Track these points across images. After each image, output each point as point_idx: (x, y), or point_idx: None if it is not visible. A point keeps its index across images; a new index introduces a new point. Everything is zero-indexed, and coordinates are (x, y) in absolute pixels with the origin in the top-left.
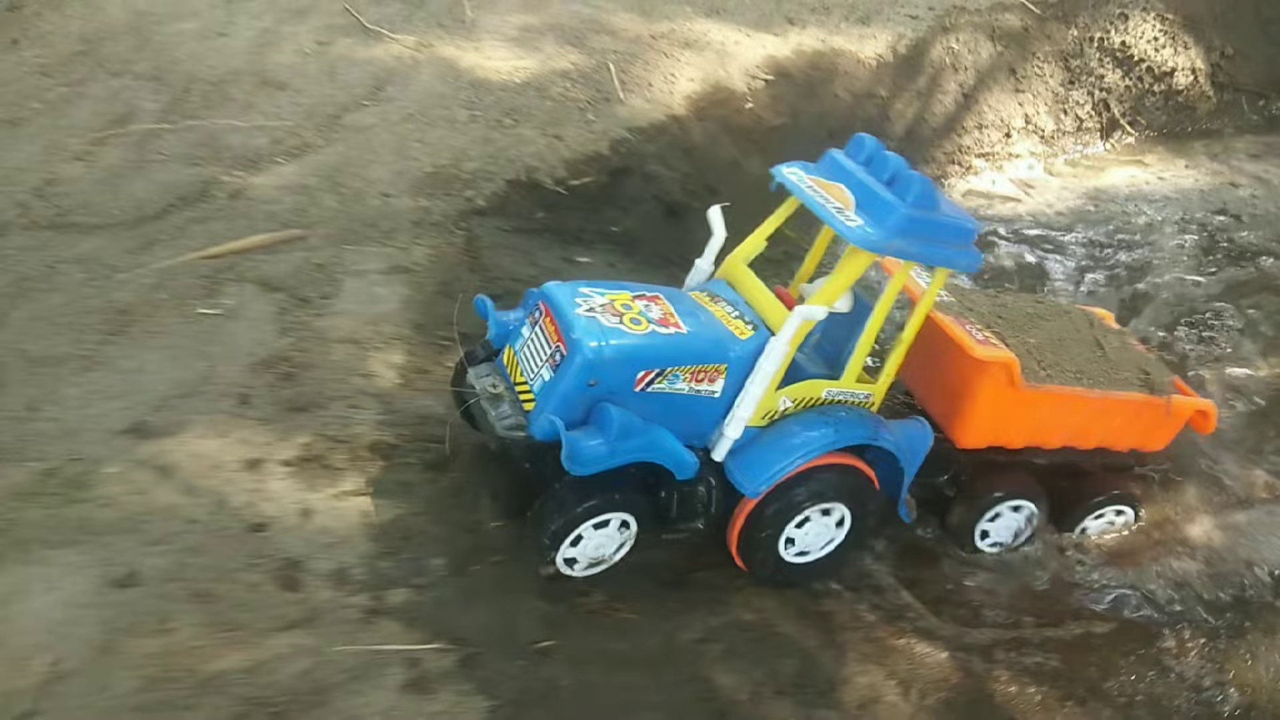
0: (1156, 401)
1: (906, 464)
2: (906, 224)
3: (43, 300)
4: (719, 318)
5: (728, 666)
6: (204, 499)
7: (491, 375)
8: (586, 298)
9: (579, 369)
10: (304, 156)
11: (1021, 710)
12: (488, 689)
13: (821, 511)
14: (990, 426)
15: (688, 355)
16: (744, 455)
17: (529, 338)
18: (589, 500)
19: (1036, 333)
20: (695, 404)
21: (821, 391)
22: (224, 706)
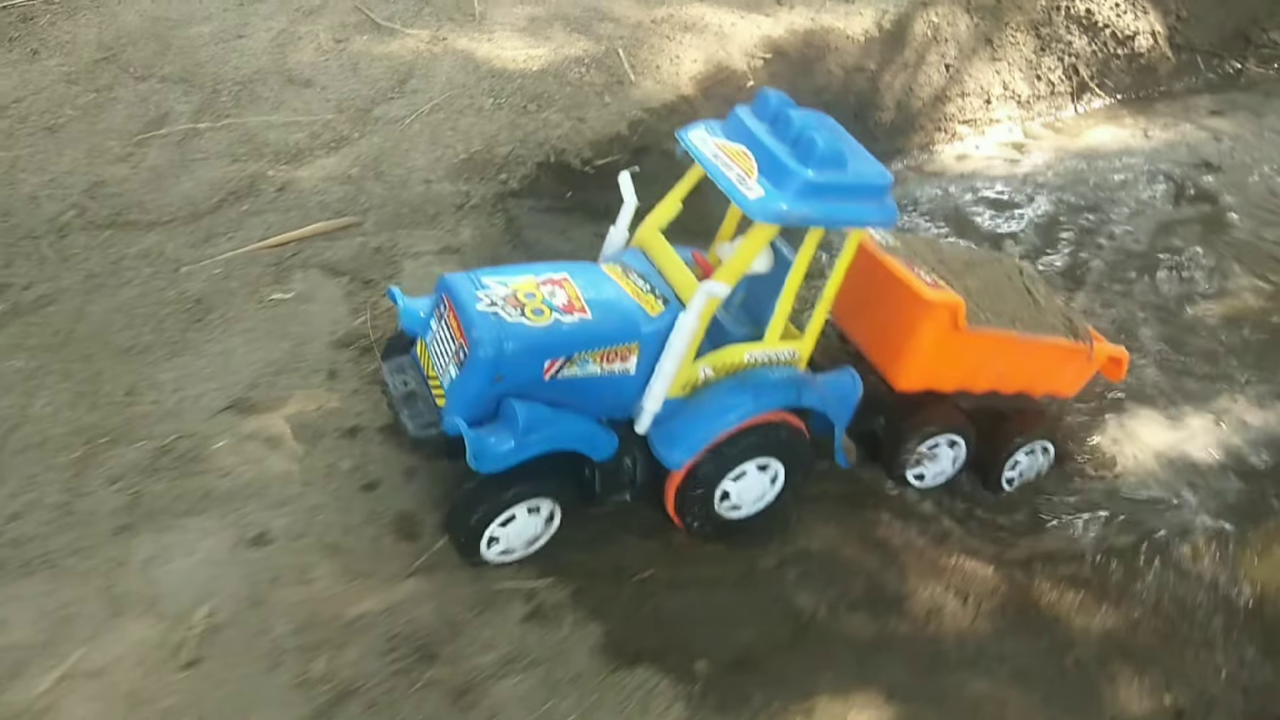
0: (1080, 346)
1: (836, 417)
2: (809, 190)
3: (117, 295)
4: (630, 293)
5: (804, 586)
6: (315, 464)
7: (406, 370)
8: (487, 290)
9: (482, 367)
10: (343, 148)
11: (1064, 612)
12: (600, 615)
13: (758, 467)
14: (930, 368)
15: (594, 340)
16: (665, 427)
17: (436, 331)
18: (512, 487)
19: (972, 279)
20: (611, 383)
21: (743, 356)
22: (373, 642)
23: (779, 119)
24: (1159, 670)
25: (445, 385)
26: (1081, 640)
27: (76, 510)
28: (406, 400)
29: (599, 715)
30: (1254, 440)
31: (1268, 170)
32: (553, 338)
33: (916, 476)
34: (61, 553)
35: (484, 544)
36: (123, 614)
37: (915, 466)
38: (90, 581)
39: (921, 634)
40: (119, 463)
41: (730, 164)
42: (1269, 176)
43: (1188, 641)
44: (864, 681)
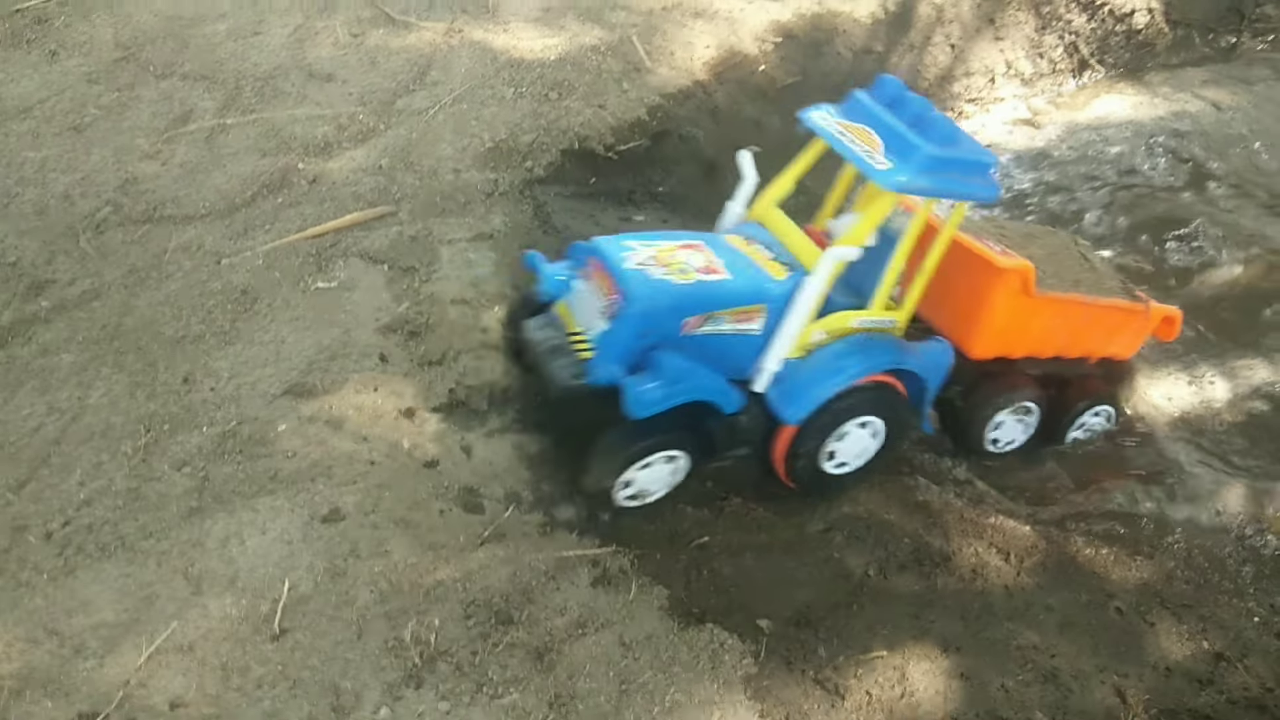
0: (1138, 307)
1: (930, 382)
2: (931, 164)
3: (162, 287)
4: (756, 260)
5: (853, 549)
6: (377, 444)
7: (549, 327)
8: (633, 251)
9: (634, 319)
10: (370, 140)
11: (1101, 565)
12: (663, 579)
13: (859, 425)
14: (1003, 335)
15: (731, 299)
16: (783, 386)
17: (581, 291)
18: (647, 438)
19: (1033, 249)
20: (737, 342)
21: (851, 322)
22: (453, 610)
23: (896, 101)
24: (1195, 617)
25: (593, 339)
26: (1120, 592)
27: (146, 495)
28: (553, 353)
29: (674, 670)
30: (1274, 399)
31: (1258, 146)
32: (696, 295)
33: (992, 442)
34: (136, 536)
35: (618, 487)
36: (204, 592)
37: (993, 431)
38: (168, 562)
39: (969, 589)
40: (184, 448)
41: (856, 141)
42: (1256, 152)
43: (1220, 590)
44: (919, 635)
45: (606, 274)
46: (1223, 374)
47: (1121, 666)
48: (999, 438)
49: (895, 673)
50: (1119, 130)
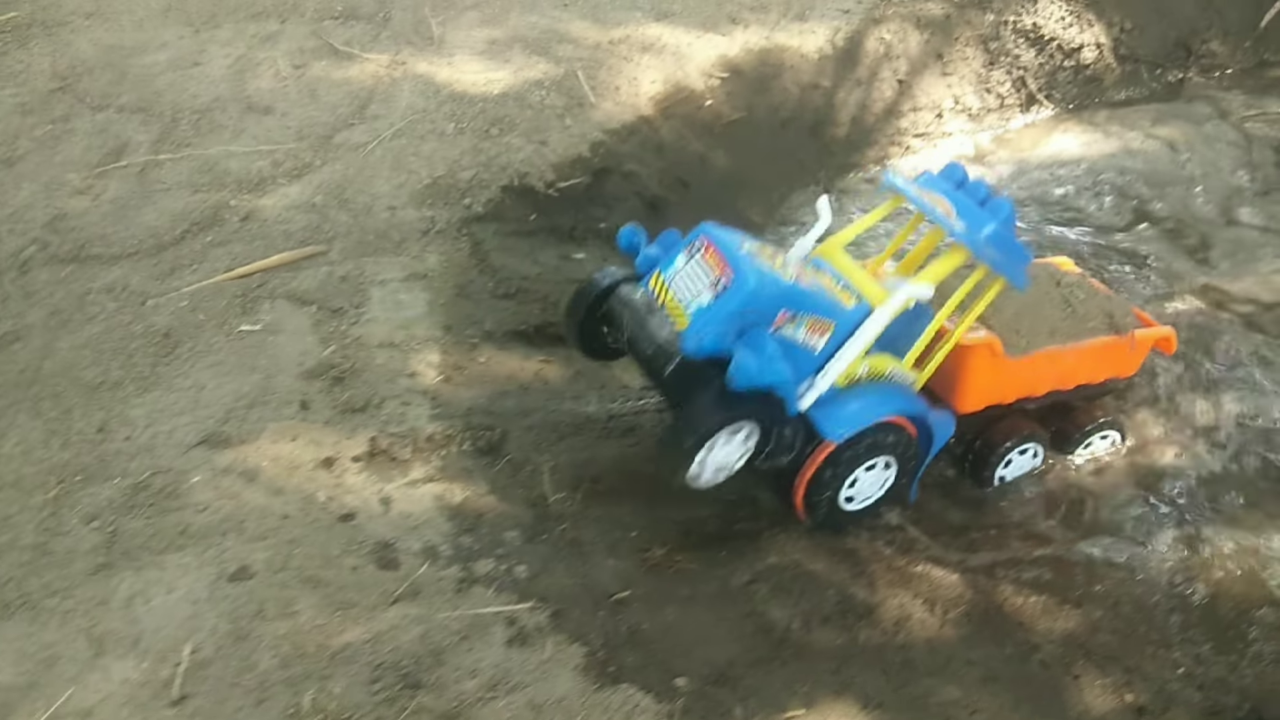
0: (1122, 340)
1: (936, 441)
2: (996, 237)
3: (83, 330)
4: (826, 286)
5: (778, 602)
6: (291, 497)
7: (645, 293)
8: (744, 241)
9: (744, 297)
10: (306, 176)
11: (1028, 615)
12: (581, 637)
13: (885, 464)
14: (985, 393)
15: (817, 306)
16: (828, 407)
17: (685, 266)
18: (726, 410)
19: (1009, 306)
20: (799, 355)
21: (889, 367)
22: (359, 673)
23: (965, 184)
24: (1120, 669)
25: (692, 310)
26: (1045, 643)
27: (54, 550)
28: (651, 314)
29: None
30: (1210, 443)
31: (1198, 189)
32: (794, 292)
33: (1000, 478)
34: (41, 593)
35: (696, 465)
36: (106, 653)
37: (1002, 469)
38: (71, 621)
39: (892, 643)
40: (95, 501)
41: (934, 205)
42: (1195, 194)
43: (1146, 640)
44: (839, 691)
45: (719, 254)
46: (1161, 416)
47: None
48: (1005, 475)
49: None
50: (1065, 168)
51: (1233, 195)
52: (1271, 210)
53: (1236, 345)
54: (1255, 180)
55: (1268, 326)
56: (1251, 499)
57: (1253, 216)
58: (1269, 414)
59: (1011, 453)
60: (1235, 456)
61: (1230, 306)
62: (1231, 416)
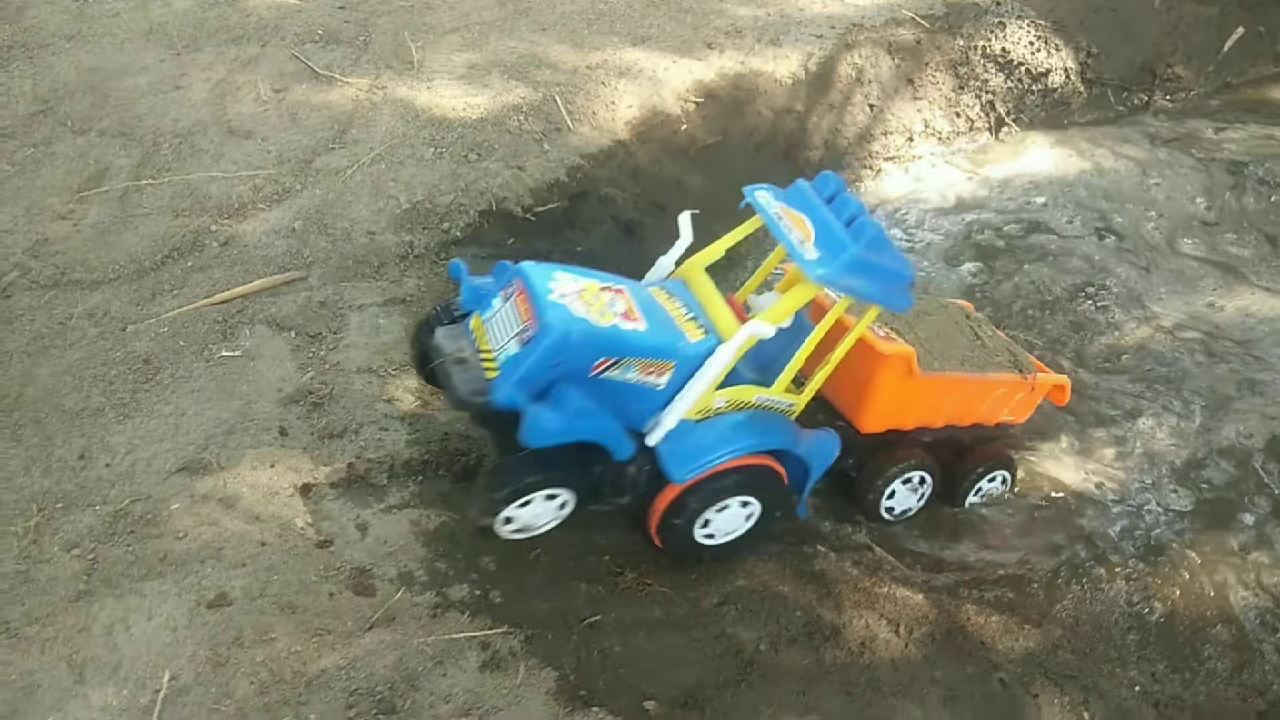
0: (1024, 380)
1: (815, 470)
2: (857, 265)
3: (64, 356)
4: (674, 317)
5: (746, 623)
6: (269, 523)
7: (459, 339)
8: (560, 283)
9: (547, 349)
10: (286, 201)
11: (990, 635)
12: (553, 660)
13: (740, 503)
14: (891, 411)
15: (644, 350)
16: (676, 444)
17: (500, 310)
18: (540, 474)
19: (923, 327)
20: (639, 393)
21: (753, 396)
22: (334, 700)
23: (836, 199)
24: (1077, 687)
25: (501, 361)
26: (1005, 662)
27: (34, 578)
28: (459, 365)
29: None
30: (1165, 468)
31: (1158, 210)
32: (611, 338)
33: (887, 510)
34: (21, 621)
35: (500, 521)
36: (86, 681)
37: (887, 500)
38: (51, 650)
39: (857, 663)
40: (75, 528)
41: (791, 227)
42: (1154, 215)
43: (1104, 659)
44: (804, 713)
45: (529, 300)
46: (1119, 441)
47: None
48: (894, 506)
49: None
50: (1032, 189)
51: (1183, 223)
52: (1214, 241)
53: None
54: (1211, 208)
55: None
56: (1205, 521)
57: (1195, 248)
58: (1219, 435)
59: (897, 480)
60: (1190, 480)
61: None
62: (1179, 441)
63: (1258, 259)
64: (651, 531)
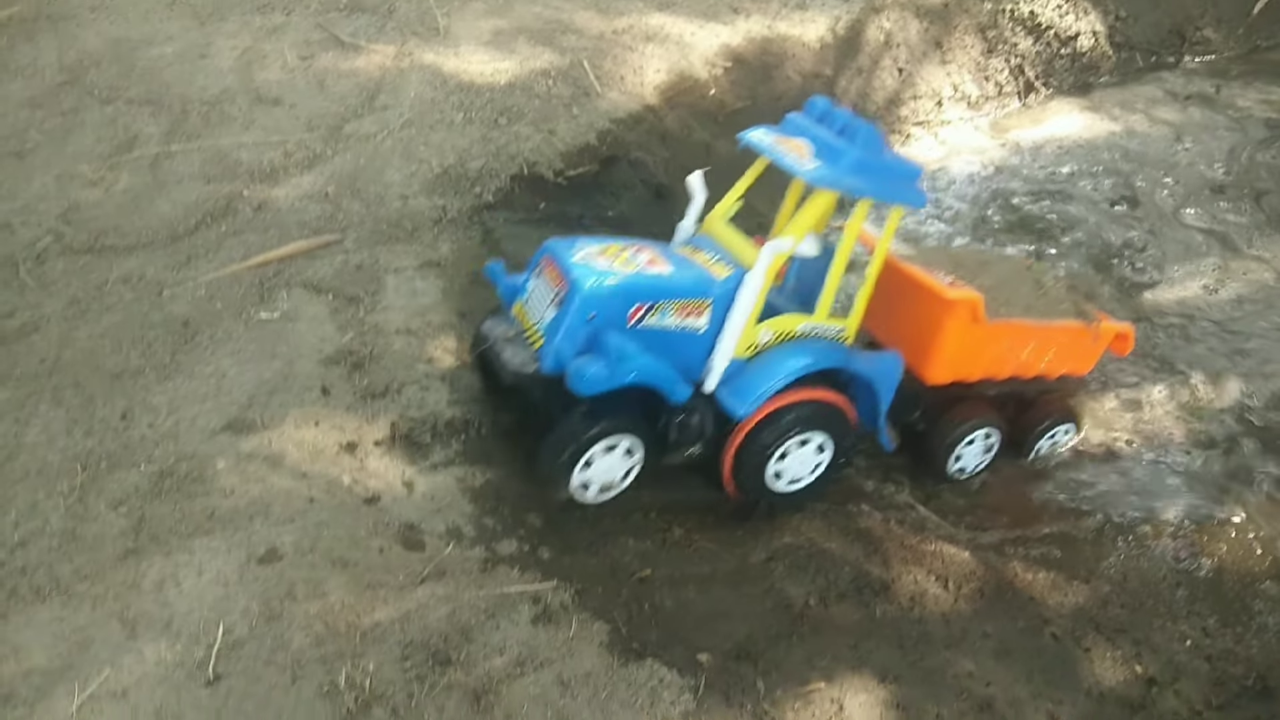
0: (1088, 328)
1: (881, 390)
2: (856, 164)
3: (102, 319)
4: (700, 261)
5: (795, 579)
6: (316, 480)
7: (503, 323)
8: (583, 248)
9: (580, 304)
10: (317, 166)
11: (1039, 590)
12: (605, 614)
13: (800, 442)
14: (956, 361)
15: (674, 290)
16: (733, 383)
17: (534, 288)
18: (596, 425)
19: (986, 277)
20: (684, 340)
21: (798, 325)
22: (389, 651)
23: (825, 116)
24: (1129, 642)
25: (542, 327)
26: (1056, 617)
27: (82, 535)
28: (506, 344)
29: (612, 708)
30: (1210, 423)
31: (1189, 169)
32: (639, 283)
33: (958, 471)
34: (71, 578)
35: (574, 481)
36: (139, 636)
37: (955, 462)
38: (103, 605)
39: (907, 617)
40: (120, 487)
41: (789, 151)
42: (1188, 175)
43: (1154, 614)
44: (857, 665)
45: (556, 267)
46: (1166, 396)
47: (1055, 693)
48: (964, 466)
49: (833, 705)
50: (1063, 152)
51: (1206, 188)
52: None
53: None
54: (1231, 173)
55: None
56: (1246, 477)
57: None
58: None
59: (972, 435)
60: (1233, 435)
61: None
62: (1229, 395)
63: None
64: (727, 482)
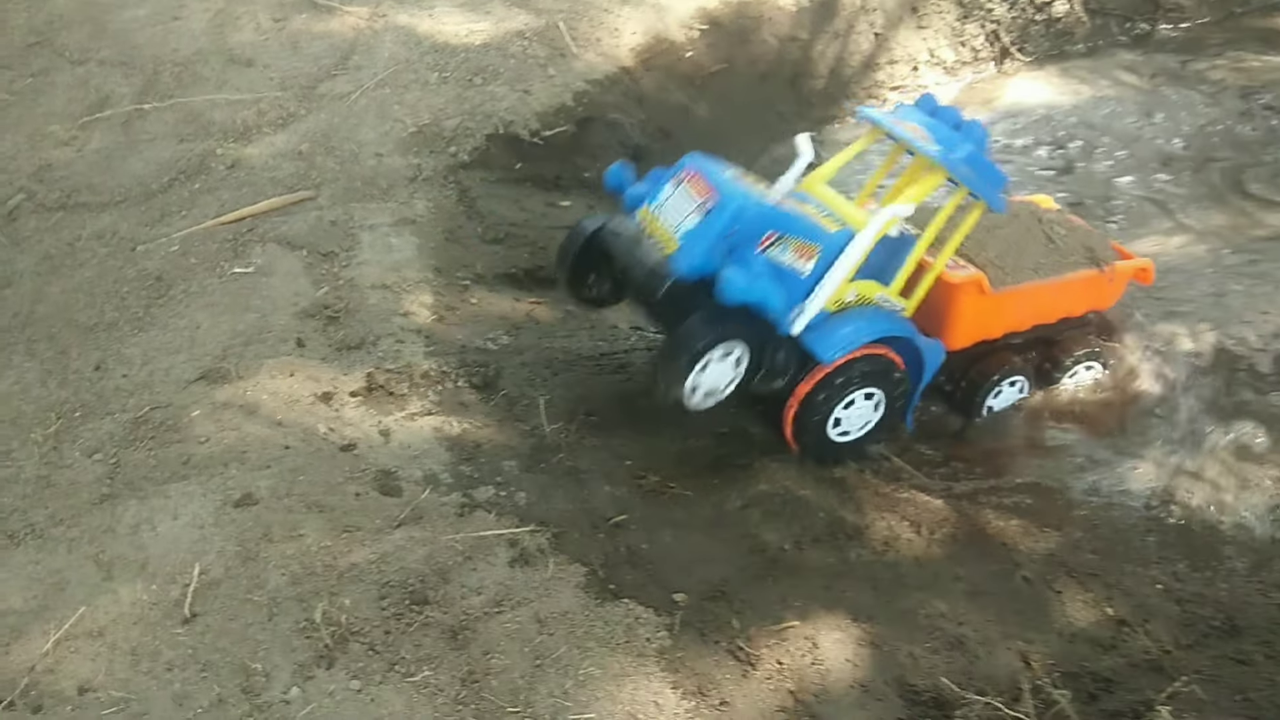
0: (1103, 274)
1: (928, 369)
2: (973, 158)
3: (75, 275)
4: (810, 214)
5: (770, 525)
6: (292, 428)
7: (632, 225)
8: (726, 167)
9: (731, 215)
10: (291, 125)
11: (1011, 536)
12: (581, 557)
13: (866, 395)
14: (974, 329)
15: (801, 229)
16: (819, 330)
17: (671, 195)
18: (716, 329)
19: (994, 243)
20: (788, 277)
21: (877, 294)
22: (367, 591)
23: (938, 112)
24: (1100, 585)
25: (681, 233)
26: (1028, 561)
27: (57, 482)
28: (638, 243)
29: (588, 644)
30: (1179, 373)
31: (1158, 135)
32: (777, 213)
33: (989, 408)
34: (46, 523)
35: (688, 391)
36: (114, 578)
37: (988, 412)
38: (78, 549)
39: (881, 561)
40: (95, 435)
41: (909, 132)
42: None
43: (1125, 559)
44: (831, 605)
45: (704, 180)
46: (1134, 346)
47: (1027, 633)
48: (995, 410)
49: (806, 642)
50: (1029, 120)
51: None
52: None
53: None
54: (1191, 146)
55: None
56: (1213, 424)
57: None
58: (1243, 340)
59: (1000, 385)
60: (1205, 384)
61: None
62: (1205, 345)
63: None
64: (788, 417)
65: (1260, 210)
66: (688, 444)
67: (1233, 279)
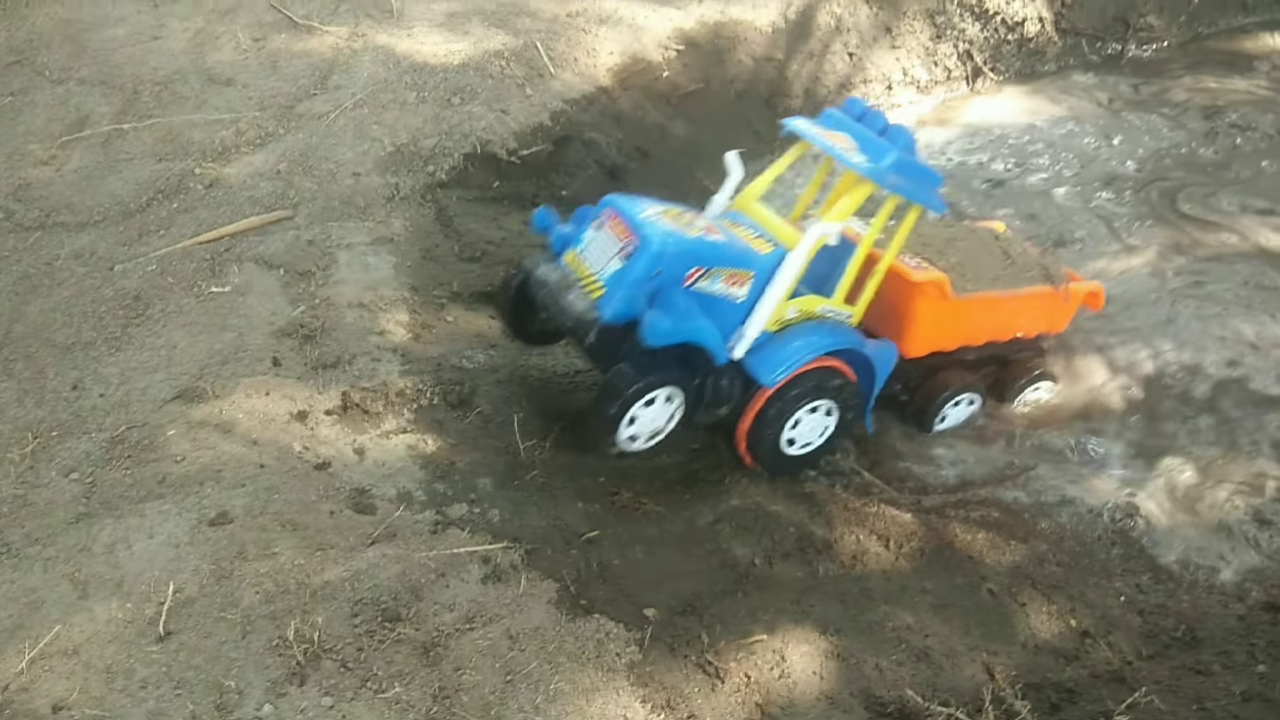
0: (1057, 291)
1: (879, 376)
2: (900, 164)
3: (53, 294)
4: (742, 237)
5: (740, 540)
6: (267, 447)
7: (559, 270)
8: (646, 207)
9: (650, 259)
10: (269, 145)
11: (977, 550)
12: (553, 573)
13: (814, 409)
14: (932, 335)
15: (728, 258)
16: (761, 352)
17: (594, 238)
18: (644, 378)
19: (954, 253)
20: (722, 306)
21: (819, 307)
22: (340, 608)
23: (864, 116)
24: (1064, 597)
25: (605, 278)
26: (993, 575)
27: (33, 501)
28: (566, 289)
29: (559, 660)
30: (1150, 387)
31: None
32: (702, 247)
33: (941, 420)
34: (22, 542)
35: (624, 438)
36: (90, 596)
37: (940, 423)
38: (54, 568)
39: (849, 574)
40: (72, 454)
41: (835, 143)
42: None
43: (1089, 571)
44: (799, 619)
45: (623, 222)
46: (1103, 363)
47: (991, 645)
48: (948, 425)
49: (774, 655)
50: (1006, 137)
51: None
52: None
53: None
54: (1144, 167)
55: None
56: (1175, 441)
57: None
58: (1204, 357)
59: (954, 399)
60: (1167, 399)
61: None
62: (1162, 363)
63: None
64: (741, 447)
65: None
66: (660, 460)
67: (1180, 301)
